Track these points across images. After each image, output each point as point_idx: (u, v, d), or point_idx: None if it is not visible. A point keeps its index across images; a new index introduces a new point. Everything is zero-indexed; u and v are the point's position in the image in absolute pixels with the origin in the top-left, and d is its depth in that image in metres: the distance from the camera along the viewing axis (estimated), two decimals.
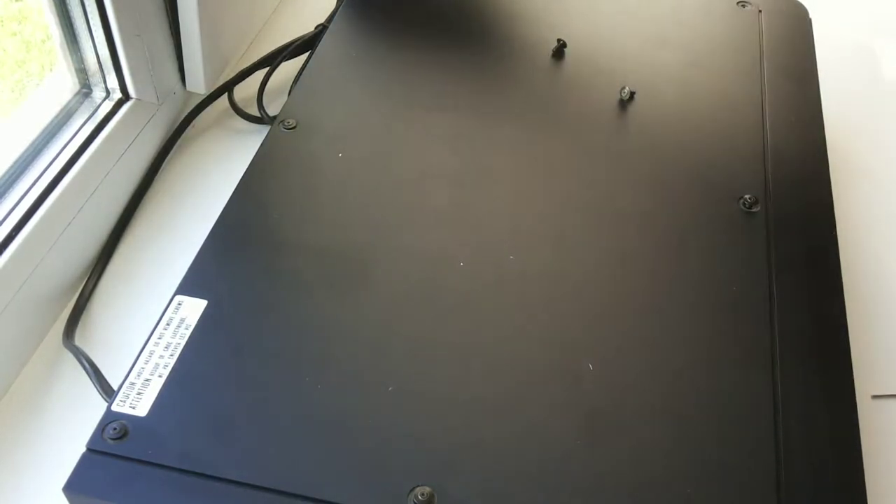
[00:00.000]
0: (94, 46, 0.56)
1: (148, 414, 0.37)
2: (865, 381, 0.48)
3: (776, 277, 0.44)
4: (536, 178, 0.49)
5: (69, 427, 0.46)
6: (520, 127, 0.52)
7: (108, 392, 0.45)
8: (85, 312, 0.52)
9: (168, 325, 0.41)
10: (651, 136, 0.51)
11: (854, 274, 0.53)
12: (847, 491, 0.36)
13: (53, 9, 0.54)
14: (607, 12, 0.61)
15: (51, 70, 0.60)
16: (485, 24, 0.60)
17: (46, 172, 0.52)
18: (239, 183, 0.48)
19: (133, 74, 0.57)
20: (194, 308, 0.41)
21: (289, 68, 0.65)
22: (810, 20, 0.61)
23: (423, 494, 0.35)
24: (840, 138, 0.62)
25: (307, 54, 0.65)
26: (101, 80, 0.58)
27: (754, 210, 0.47)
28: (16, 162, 0.52)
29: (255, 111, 0.62)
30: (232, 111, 0.63)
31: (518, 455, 0.37)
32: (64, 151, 0.54)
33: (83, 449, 0.36)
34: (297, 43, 0.65)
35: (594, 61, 0.57)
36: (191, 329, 0.41)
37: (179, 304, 0.42)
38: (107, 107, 0.58)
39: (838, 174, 0.56)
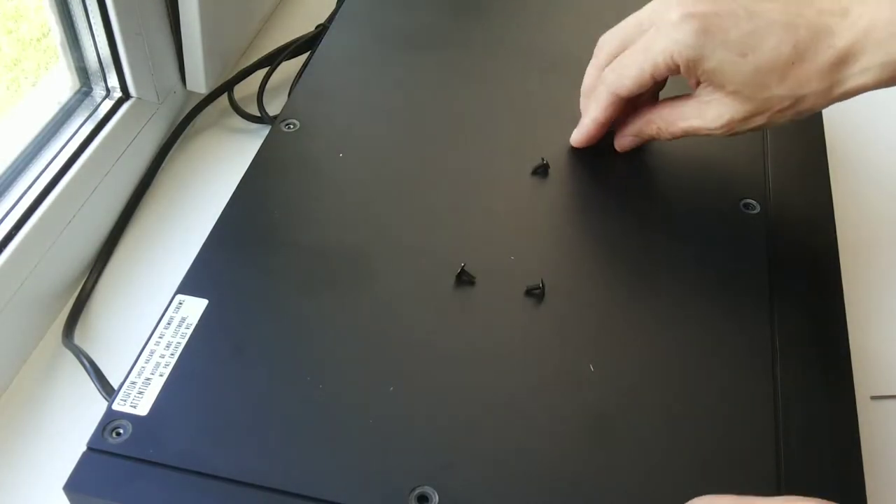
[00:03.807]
0: (94, 45, 0.56)
1: (149, 413, 0.37)
2: (865, 382, 0.48)
3: (776, 278, 0.44)
4: (538, 180, 0.49)
5: (69, 426, 0.46)
6: (521, 127, 0.52)
7: (108, 391, 0.45)
8: (84, 311, 0.52)
9: (169, 324, 0.41)
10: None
11: (854, 274, 0.53)
12: (847, 491, 0.36)
13: (54, 7, 0.54)
14: (607, 15, 0.61)
15: (47, 69, 0.60)
16: (486, 25, 0.60)
17: (46, 171, 0.52)
18: (240, 182, 0.48)
19: (133, 73, 0.57)
20: (195, 307, 0.41)
21: (289, 68, 0.65)
22: None
23: (423, 495, 0.35)
24: (840, 138, 0.63)
25: (307, 54, 0.65)
26: (101, 78, 0.58)
27: (755, 212, 0.47)
28: (16, 160, 0.52)
29: (255, 111, 0.62)
30: (232, 110, 0.63)
31: (518, 455, 0.37)
32: (64, 150, 0.54)
33: (83, 448, 0.36)
34: (297, 43, 0.65)
35: None
36: (192, 328, 0.41)
37: (180, 304, 0.42)
38: (107, 105, 0.58)
39: (838, 175, 0.56)
